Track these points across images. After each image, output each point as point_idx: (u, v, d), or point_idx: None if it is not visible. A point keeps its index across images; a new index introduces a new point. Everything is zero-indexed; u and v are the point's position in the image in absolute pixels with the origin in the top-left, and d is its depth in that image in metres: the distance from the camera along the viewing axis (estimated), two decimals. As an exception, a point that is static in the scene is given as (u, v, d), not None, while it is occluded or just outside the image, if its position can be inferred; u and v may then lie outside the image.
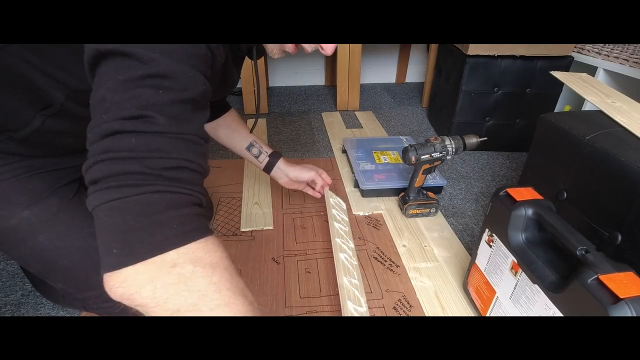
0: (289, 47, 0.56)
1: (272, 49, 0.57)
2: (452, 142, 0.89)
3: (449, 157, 0.90)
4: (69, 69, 0.49)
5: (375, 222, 0.94)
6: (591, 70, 1.18)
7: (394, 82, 2.11)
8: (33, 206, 0.57)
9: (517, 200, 0.55)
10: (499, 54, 1.19)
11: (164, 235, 0.33)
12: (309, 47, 0.56)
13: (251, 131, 0.77)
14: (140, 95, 0.34)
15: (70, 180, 0.64)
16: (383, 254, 0.84)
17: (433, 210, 0.96)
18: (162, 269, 0.32)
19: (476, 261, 0.65)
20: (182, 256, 0.33)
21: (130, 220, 0.32)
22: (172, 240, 0.33)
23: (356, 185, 1.07)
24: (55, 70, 0.49)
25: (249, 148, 0.85)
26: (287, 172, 0.88)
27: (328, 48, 0.55)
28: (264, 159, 0.87)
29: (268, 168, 0.88)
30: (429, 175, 0.96)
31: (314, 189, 0.95)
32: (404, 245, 0.86)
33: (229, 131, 0.84)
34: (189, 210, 0.35)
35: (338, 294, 0.73)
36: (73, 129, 0.57)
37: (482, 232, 0.63)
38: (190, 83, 0.37)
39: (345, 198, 1.04)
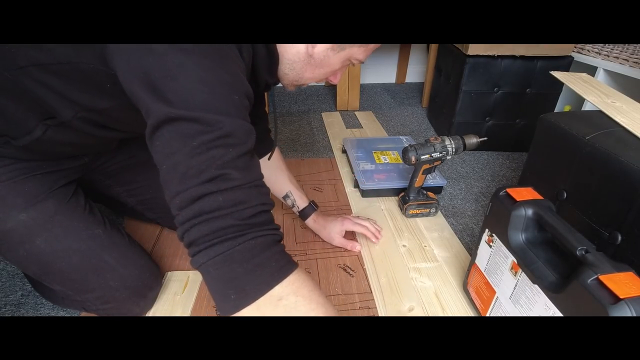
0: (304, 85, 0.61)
1: (288, 84, 0.60)
2: (452, 142, 0.88)
3: (449, 157, 0.90)
4: (86, 90, 0.49)
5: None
6: (591, 70, 1.18)
7: (394, 82, 2.11)
8: (30, 208, 0.57)
9: (517, 200, 0.55)
10: (499, 54, 1.19)
11: (267, 273, 0.39)
12: (334, 78, 0.61)
13: (269, 158, 0.78)
14: (214, 156, 0.38)
15: (67, 182, 0.64)
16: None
17: (433, 210, 0.96)
18: (272, 303, 0.38)
19: (476, 261, 0.65)
20: (285, 288, 0.39)
21: (237, 268, 0.38)
22: (275, 276, 0.39)
23: (356, 185, 1.07)
24: (71, 91, 0.48)
25: (284, 198, 0.85)
26: (318, 232, 0.87)
27: (335, 79, 0.61)
28: (297, 211, 0.87)
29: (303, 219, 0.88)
30: (429, 175, 0.96)
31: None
32: (404, 246, 0.86)
33: (269, 173, 0.76)
34: (277, 248, 0.41)
35: (337, 295, 0.73)
36: (73, 140, 0.57)
37: (482, 232, 0.63)
38: (247, 136, 0.41)
39: (345, 198, 1.04)
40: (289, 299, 0.39)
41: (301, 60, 0.53)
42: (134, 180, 0.79)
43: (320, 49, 0.52)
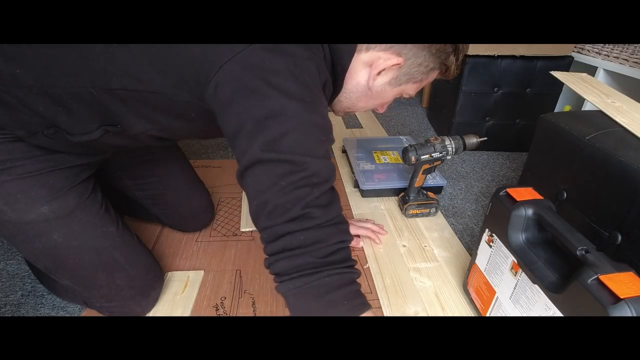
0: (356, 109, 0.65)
1: (340, 110, 0.66)
2: (452, 142, 0.88)
3: (449, 157, 0.90)
4: (166, 116, 0.51)
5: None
6: (591, 70, 1.18)
7: (394, 82, 2.11)
8: (53, 202, 0.57)
9: (517, 200, 0.55)
10: (499, 54, 1.19)
11: (338, 312, 0.42)
12: (381, 109, 0.67)
13: None
14: (299, 196, 0.42)
15: (87, 177, 0.63)
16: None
17: (433, 210, 0.96)
18: None
19: (476, 261, 0.65)
20: None
21: (312, 302, 0.42)
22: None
23: (356, 185, 1.07)
24: (151, 114, 0.51)
25: None
26: None
27: (382, 109, 0.66)
28: None
29: None
30: (429, 175, 0.96)
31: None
32: (404, 246, 0.86)
33: None
34: (352, 287, 0.44)
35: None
36: (124, 144, 0.58)
37: (482, 232, 0.63)
38: (329, 173, 0.45)
39: (345, 198, 1.04)
40: None
41: (359, 92, 0.60)
42: (146, 175, 0.79)
43: (379, 82, 0.58)
